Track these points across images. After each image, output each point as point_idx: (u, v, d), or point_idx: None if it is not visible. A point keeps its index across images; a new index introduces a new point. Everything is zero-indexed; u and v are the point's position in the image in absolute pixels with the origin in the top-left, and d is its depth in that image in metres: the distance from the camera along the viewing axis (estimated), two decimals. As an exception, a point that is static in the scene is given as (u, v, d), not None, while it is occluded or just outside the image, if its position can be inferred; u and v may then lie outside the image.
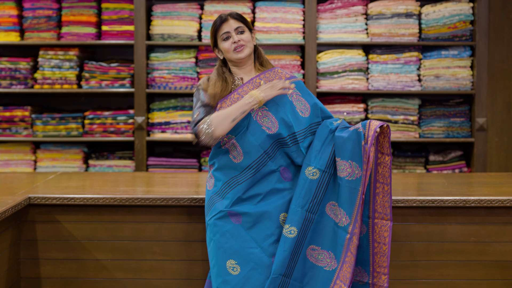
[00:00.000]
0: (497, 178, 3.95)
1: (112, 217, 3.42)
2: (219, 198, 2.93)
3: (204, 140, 2.83)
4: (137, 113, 5.26)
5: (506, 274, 3.37)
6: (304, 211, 2.87)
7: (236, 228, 2.88)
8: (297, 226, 2.85)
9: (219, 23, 2.96)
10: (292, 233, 2.85)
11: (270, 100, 2.91)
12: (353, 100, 5.33)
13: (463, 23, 5.23)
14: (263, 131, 2.90)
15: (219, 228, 2.89)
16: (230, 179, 2.92)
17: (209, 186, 3.00)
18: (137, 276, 3.44)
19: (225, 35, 2.95)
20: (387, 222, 2.88)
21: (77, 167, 5.37)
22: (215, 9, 5.28)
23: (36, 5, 5.32)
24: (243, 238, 2.87)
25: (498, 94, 5.27)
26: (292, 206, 2.89)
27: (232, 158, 2.92)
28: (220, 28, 2.96)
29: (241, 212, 2.89)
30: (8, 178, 4.03)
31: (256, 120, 2.91)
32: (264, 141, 2.90)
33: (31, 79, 5.35)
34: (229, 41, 2.94)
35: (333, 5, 5.27)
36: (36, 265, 3.44)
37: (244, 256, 2.86)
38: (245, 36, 2.95)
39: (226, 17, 2.96)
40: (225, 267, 2.87)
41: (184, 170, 5.30)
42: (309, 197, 2.87)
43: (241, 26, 2.96)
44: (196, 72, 5.31)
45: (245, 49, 2.94)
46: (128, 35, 5.30)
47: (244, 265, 2.86)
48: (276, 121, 2.91)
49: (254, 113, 2.90)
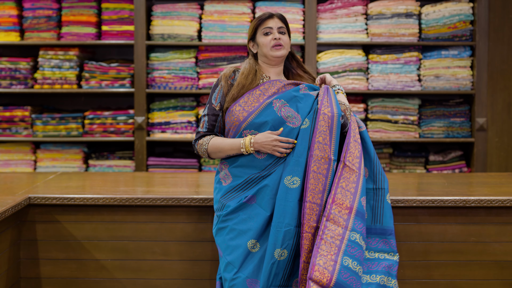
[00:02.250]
0: (497, 178, 3.95)
1: (112, 217, 3.42)
2: (240, 192, 2.92)
3: (203, 157, 3.03)
4: (137, 113, 5.26)
5: (506, 274, 3.37)
6: (303, 159, 2.86)
7: (253, 208, 2.88)
8: (299, 175, 2.85)
9: (265, 17, 3.01)
10: (295, 183, 2.84)
11: (292, 96, 2.94)
12: (353, 100, 5.33)
13: (463, 23, 5.23)
14: (287, 126, 2.90)
15: (236, 215, 2.89)
16: (252, 175, 2.91)
17: (225, 182, 2.98)
18: (137, 276, 3.44)
19: (267, 30, 3.00)
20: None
21: (77, 167, 5.37)
22: (215, 9, 5.28)
23: (36, 5, 5.32)
24: (260, 216, 2.86)
25: (498, 94, 5.27)
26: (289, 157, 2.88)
27: (256, 155, 2.91)
28: (265, 22, 3.01)
29: (255, 192, 2.88)
30: (8, 178, 4.03)
31: (280, 115, 2.92)
32: (290, 135, 2.90)
33: (31, 79, 5.35)
34: (269, 36, 2.99)
35: (333, 5, 5.27)
36: (36, 265, 3.44)
37: (263, 233, 2.86)
38: (285, 37, 3.01)
39: (273, 15, 3.02)
40: (246, 248, 2.86)
41: (184, 170, 5.30)
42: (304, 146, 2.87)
43: (284, 27, 3.02)
44: (196, 72, 5.31)
45: (282, 49, 3.00)
46: (128, 35, 5.30)
47: (265, 241, 2.85)
48: (298, 115, 2.92)
49: (277, 109, 2.91)
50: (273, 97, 2.95)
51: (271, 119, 2.91)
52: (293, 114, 2.91)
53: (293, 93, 2.95)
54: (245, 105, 2.94)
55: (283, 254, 2.82)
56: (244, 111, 2.94)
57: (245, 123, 2.93)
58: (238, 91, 2.97)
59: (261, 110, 2.93)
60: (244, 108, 2.94)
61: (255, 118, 2.92)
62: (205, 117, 3.00)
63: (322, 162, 2.83)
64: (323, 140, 2.85)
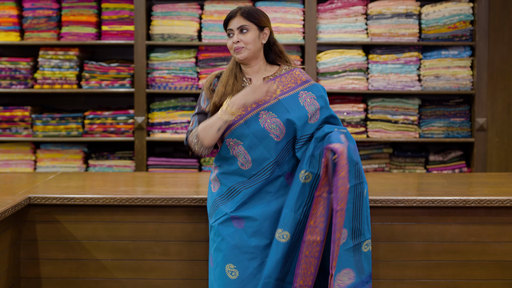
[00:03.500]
0: (497, 178, 3.95)
1: (112, 217, 3.42)
2: (224, 201, 2.89)
3: (198, 152, 2.83)
4: (137, 113, 5.26)
5: (506, 274, 3.37)
6: (298, 215, 2.80)
7: (238, 233, 2.84)
8: (290, 230, 2.80)
9: (227, 18, 2.86)
10: (284, 237, 2.80)
11: (278, 104, 2.84)
12: (353, 100, 5.33)
13: (463, 23, 5.23)
14: (271, 138, 2.83)
15: (221, 231, 2.86)
16: (237, 184, 2.87)
17: (214, 188, 2.96)
18: (137, 276, 3.44)
19: (228, 32, 2.86)
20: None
21: (77, 167, 5.37)
22: (215, 9, 5.28)
23: (36, 5, 5.32)
24: (244, 243, 2.84)
25: (498, 94, 5.27)
26: (284, 210, 2.82)
27: (240, 165, 2.87)
28: (228, 24, 2.86)
29: (244, 216, 2.85)
30: (8, 178, 4.02)
31: (264, 127, 2.83)
32: (273, 148, 2.84)
33: (31, 79, 5.35)
34: (231, 38, 2.86)
35: (333, 5, 5.27)
36: (36, 265, 3.44)
37: (243, 261, 2.83)
38: (247, 36, 2.82)
39: (235, 13, 2.84)
40: (224, 270, 2.85)
41: (184, 170, 5.30)
42: (302, 200, 2.81)
43: (246, 25, 2.82)
44: (196, 72, 5.31)
45: (243, 51, 2.84)
46: (128, 35, 5.30)
47: (243, 270, 2.83)
48: (284, 127, 2.84)
49: (262, 120, 2.83)
50: (261, 107, 2.85)
51: (254, 131, 2.83)
52: (278, 126, 2.83)
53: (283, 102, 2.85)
54: None
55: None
56: None
57: (228, 132, 2.86)
58: (219, 99, 2.85)
59: (246, 120, 2.85)
60: None
61: (238, 127, 2.85)
62: (194, 117, 2.91)
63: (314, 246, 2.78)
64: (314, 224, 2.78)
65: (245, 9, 2.85)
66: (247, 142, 2.84)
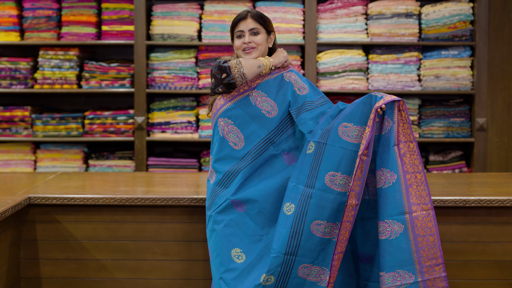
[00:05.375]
0: (497, 178, 3.95)
1: (112, 217, 3.42)
2: (222, 188, 2.92)
3: (234, 75, 2.87)
4: (137, 113, 5.26)
5: (506, 274, 3.37)
6: (302, 186, 2.83)
7: (241, 216, 2.87)
8: (295, 202, 2.82)
9: (237, 20, 2.99)
10: (290, 210, 2.82)
11: (266, 84, 2.96)
12: (353, 100, 5.33)
13: (463, 23, 5.23)
14: (263, 115, 2.93)
15: (223, 217, 2.89)
16: (231, 167, 2.92)
17: (211, 180, 2.99)
18: (137, 276, 3.44)
19: (239, 33, 2.98)
20: (428, 211, 2.77)
21: (77, 167, 5.37)
22: (215, 9, 5.28)
23: (36, 5, 5.32)
24: (248, 225, 2.86)
25: (498, 94, 5.27)
26: (290, 184, 2.86)
27: (233, 145, 2.93)
28: (237, 25, 2.99)
29: (244, 199, 2.88)
30: (8, 178, 4.03)
31: (255, 104, 2.94)
32: (264, 125, 2.93)
33: (31, 79, 5.35)
34: (241, 40, 2.98)
35: (333, 5, 5.27)
36: (36, 265, 3.44)
37: (249, 243, 2.85)
38: (258, 38, 2.97)
39: (246, 15, 2.98)
40: (229, 256, 2.86)
41: (184, 170, 5.30)
42: (306, 171, 2.84)
43: (257, 27, 2.97)
44: (196, 72, 5.31)
45: (254, 52, 2.98)
46: (128, 35, 5.30)
47: (250, 252, 2.85)
48: (275, 104, 2.94)
49: (253, 98, 2.93)
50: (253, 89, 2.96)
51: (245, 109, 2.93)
52: (269, 103, 2.94)
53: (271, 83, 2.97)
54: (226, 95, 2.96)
55: (269, 279, 2.81)
56: (223, 100, 2.95)
57: (219, 112, 2.95)
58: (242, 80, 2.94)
59: (237, 100, 2.94)
60: (224, 97, 2.96)
61: (230, 107, 2.94)
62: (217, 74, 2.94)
63: (349, 210, 2.78)
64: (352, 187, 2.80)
65: (255, 12, 2.99)
66: (239, 121, 2.93)
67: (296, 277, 2.81)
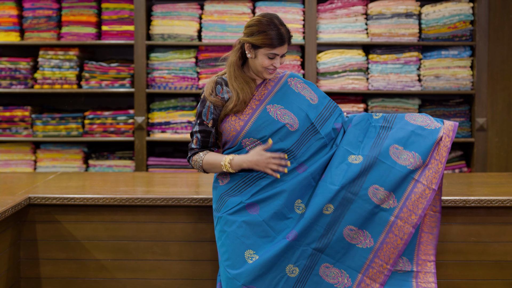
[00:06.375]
0: (497, 178, 3.95)
1: (112, 217, 3.42)
2: (237, 192, 2.91)
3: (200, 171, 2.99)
4: (137, 113, 5.26)
5: (506, 274, 3.37)
6: (344, 190, 2.88)
7: (254, 217, 2.87)
8: (334, 204, 2.87)
9: (278, 43, 2.85)
10: (328, 210, 2.87)
11: (284, 97, 2.95)
12: (353, 100, 5.33)
13: (463, 23, 5.23)
14: (286, 128, 2.90)
15: (236, 219, 2.88)
16: (251, 174, 2.91)
17: (222, 182, 2.96)
18: (137, 276, 3.44)
19: (272, 55, 2.87)
20: (435, 213, 2.98)
21: (77, 167, 5.37)
22: (215, 9, 5.28)
23: (36, 5, 5.32)
24: (261, 227, 2.87)
25: (498, 94, 5.27)
26: (332, 187, 2.89)
27: None
28: (275, 47, 2.86)
29: (257, 201, 2.88)
30: (8, 178, 4.03)
31: (277, 119, 2.90)
32: (287, 138, 2.91)
33: (31, 79, 5.35)
34: (271, 61, 2.88)
35: (333, 5, 5.27)
36: (36, 265, 3.44)
37: (262, 245, 2.86)
38: (283, 59, 2.93)
39: (285, 40, 2.87)
40: (243, 257, 2.86)
41: (184, 170, 5.30)
42: (350, 178, 2.89)
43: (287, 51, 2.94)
44: (196, 72, 5.31)
45: (274, 72, 2.94)
46: (128, 35, 5.30)
47: (263, 253, 2.85)
48: (295, 117, 2.92)
49: (273, 113, 2.90)
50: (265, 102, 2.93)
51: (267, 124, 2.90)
52: (290, 116, 2.92)
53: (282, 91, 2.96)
54: (240, 115, 2.91)
55: (294, 271, 2.86)
56: (240, 120, 2.90)
57: (242, 134, 2.90)
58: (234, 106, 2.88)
59: (257, 117, 2.91)
60: (239, 118, 2.91)
61: (252, 126, 2.89)
62: (197, 134, 2.93)
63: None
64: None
65: (290, 36, 2.91)
66: (265, 138, 2.90)
67: (317, 275, 2.88)
